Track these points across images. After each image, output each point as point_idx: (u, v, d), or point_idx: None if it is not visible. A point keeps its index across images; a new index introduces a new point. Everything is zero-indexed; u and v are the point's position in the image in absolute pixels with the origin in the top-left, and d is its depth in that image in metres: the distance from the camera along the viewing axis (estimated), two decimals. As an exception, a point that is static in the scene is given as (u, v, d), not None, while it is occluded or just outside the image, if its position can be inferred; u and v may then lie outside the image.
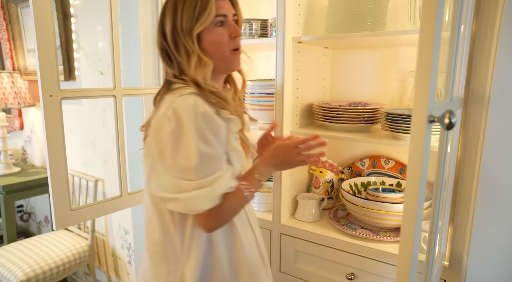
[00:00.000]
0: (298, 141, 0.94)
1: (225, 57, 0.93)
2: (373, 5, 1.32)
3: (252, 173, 0.92)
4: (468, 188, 1.10)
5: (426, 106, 0.56)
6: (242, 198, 0.88)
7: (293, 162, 0.94)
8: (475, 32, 1.03)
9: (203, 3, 0.88)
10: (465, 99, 1.08)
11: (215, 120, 0.82)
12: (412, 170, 0.58)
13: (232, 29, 0.93)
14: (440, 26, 0.57)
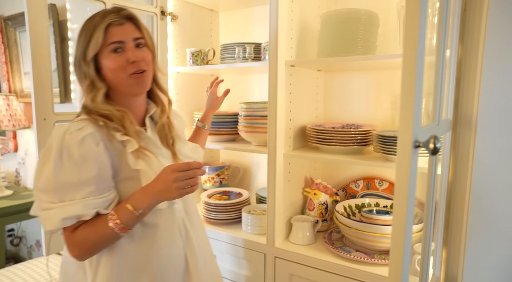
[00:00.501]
0: (179, 166, 0.90)
1: (123, 82, 0.96)
2: (363, 30, 1.35)
3: (125, 203, 0.90)
4: (459, 210, 1.10)
5: (410, 131, 0.57)
6: (106, 229, 0.88)
7: (172, 189, 0.88)
8: (461, 56, 1.06)
9: (94, 30, 0.93)
10: (454, 122, 1.09)
11: (84, 150, 0.87)
12: (398, 195, 0.58)
13: (129, 54, 0.95)
14: (422, 53, 0.59)
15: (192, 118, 1.84)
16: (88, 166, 0.87)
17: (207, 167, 1.90)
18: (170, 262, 1.01)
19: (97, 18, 0.95)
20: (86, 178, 0.87)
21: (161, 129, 1.06)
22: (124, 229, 0.89)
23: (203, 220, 1.71)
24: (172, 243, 1.01)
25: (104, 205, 0.90)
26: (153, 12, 1.62)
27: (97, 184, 0.89)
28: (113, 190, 0.94)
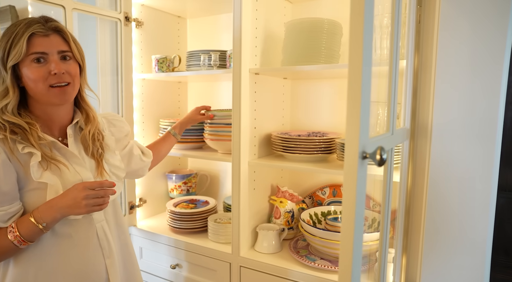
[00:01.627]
0: (91, 184, 0.92)
1: (43, 92, 0.94)
2: (326, 39, 1.36)
3: (28, 216, 0.89)
4: (417, 217, 1.12)
5: (357, 142, 0.57)
6: (4, 241, 0.88)
7: (81, 206, 0.90)
8: (417, 66, 1.08)
9: (15, 38, 0.91)
10: (412, 131, 1.11)
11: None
12: (346, 207, 0.58)
13: (52, 66, 0.94)
14: (368, 61, 0.59)
15: (158, 125, 1.81)
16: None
17: (173, 175, 1.87)
18: (86, 274, 0.99)
19: (21, 25, 0.92)
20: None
21: (84, 138, 1.04)
22: (25, 242, 0.89)
23: (168, 229, 1.68)
24: (89, 255, 1.00)
25: (3, 218, 0.89)
26: (117, 17, 1.58)
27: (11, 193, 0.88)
28: (16, 203, 0.92)
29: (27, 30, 0.91)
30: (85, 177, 0.99)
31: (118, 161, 1.14)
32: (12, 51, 0.90)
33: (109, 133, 1.16)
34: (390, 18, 0.90)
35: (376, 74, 1.07)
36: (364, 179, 0.61)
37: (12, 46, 0.91)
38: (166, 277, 1.63)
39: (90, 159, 1.04)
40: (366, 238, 1.26)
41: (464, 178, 1.04)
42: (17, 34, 0.91)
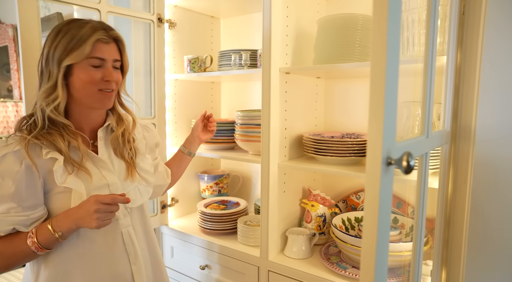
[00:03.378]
0: (103, 198, 0.89)
1: (90, 95, 0.96)
2: (361, 36, 1.29)
3: (47, 223, 0.90)
4: (459, 227, 1.02)
5: (380, 147, 0.52)
6: (23, 246, 0.88)
7: (90, 220, 0.88)
8: (460, 63, 0.99)
9: (80, 40, 0.92)
10: (453, 133, 1.02)
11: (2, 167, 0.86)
12: (368, 218, 0.53)
13: (107, 73, 0.96)
14: (395, 58, 0.53)
15: (190, 125, 1.81)
16: (6, 183, 0.87)
17: (205, 175, 1.87)
18: (112, 279, 0.99)
19: (86, 28, 0.94)
20: (3, 195, 0.87)
21: (115, 140, 1.05)
22: (42, 248, 0.89)
23: (199, 229, 1.68)
24: (115, 260, 1.00)
25: (25, 223, 0.90)
26: (150, 19, 1.61)
27: (17, 202, 0.88)
28: (40, 208, 0.92)
29: (93, 34, 0.93)
30: (111, 181, 0.99)
31: (149, 165, 1.13)
32: (73, 52, 0.92)
33: (142, 137, 1.16)
34: (426, 10, 0.82)
35: (414, 72, 0.99)
36: (389, 188, 0.55)
37: (74, 46, 0.92)
38: (196, 277, 1.63)
39: (120, 161, 1.05)
40: (401, 247, 1.18)
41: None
42: (82, 36, 0.93)
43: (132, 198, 1.03)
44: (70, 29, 0.94)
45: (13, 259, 0.90)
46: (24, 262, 0.93)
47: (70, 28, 0.94)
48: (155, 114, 1.66)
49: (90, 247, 0.97)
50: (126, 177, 1.04)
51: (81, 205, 0.90)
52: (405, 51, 1.12)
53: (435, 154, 1.11)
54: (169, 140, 1.76)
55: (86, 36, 0.93)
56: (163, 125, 1.70)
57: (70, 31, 0.93)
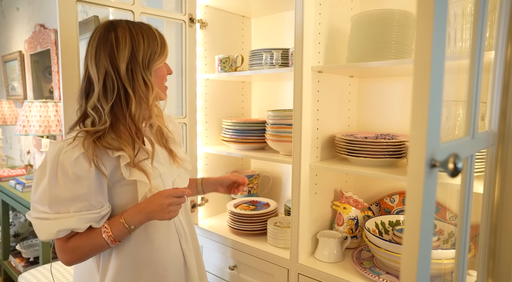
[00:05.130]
0: (175, 192, 0.97)
1: (163, 90, 1.07)
2: (397, 32, 1.24)
3: (119, 218, 0.96)
4: (507, 236, 0.94)
5: (424, 148, 0.48)
6: (99, 240, 0.94)
7: (164, 212, 0.95)
8: (510, 58, 0.92)
9: (162, 40, 1.01)
10: (501, 134, 0.95)
11: (78, 169, 0.90)
12: (409, 225, 0.49)
13: (168, 67, 1.08)
14: (441, 52, 0.49)
15: (221, 125, 1.81)
16: (81, 184, 0.91)
17: (235, 175, 1.86)
18: (169, 257, 1.06)
19: (153, 28, 1.02)
20: (79, 194, 0.91)
21: (157, 132, 1.11)
22: (115, 241, 0.96)
23: (228, 230, 1.67)
24: (171, 240, 1.07)
25: (96, 219, 0.95)
26: (182, 19, 1.62)
27: (90, 200, 0.93)
28: (107, 205, 0.98)
29: (162, 35, 1.03)
30: (162, 171, 1.06)
31: (184, 154, 1.20)
32: (163, 52, 1.01)
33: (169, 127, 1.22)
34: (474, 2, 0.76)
35: (456, 69, 0.93)
36: (433, 192, 0.51)
37: (162, 51, 1.01)
38: (225, 278, 1.63)
39: (162, 150, 1.11)
40: (441, 254, 1.12)
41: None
42: (161, 38, 1.02)
43: (178, 185, 1.12)
44: (146, 33, 0.99)
45: (89, 253, 0.97)
46: (95, 255, 1.00)
47: (146, 33, 0.99)
48: (186, 114, 1.67)
49: (153, 234, 1.04)
50: (172, 163, 1.11)
51: (151, 200, 0.96)
52: (447, 48, 1.05)
53: (480, 156, 1.04)
54: (199, 140, 1.76)
55: (164, 40, 1.02)
56: (194, 124, 1.71)
57: (144, 33, 0.98)
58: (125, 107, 0.96)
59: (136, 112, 0.97)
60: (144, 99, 0.98)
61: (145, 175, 0.98)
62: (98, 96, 0.95)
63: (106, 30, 0.96)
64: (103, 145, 0.94)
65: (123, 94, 0.96)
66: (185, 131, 1.68)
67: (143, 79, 0.97)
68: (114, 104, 0.96)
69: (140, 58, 0.96)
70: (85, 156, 0.91)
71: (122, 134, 0.98)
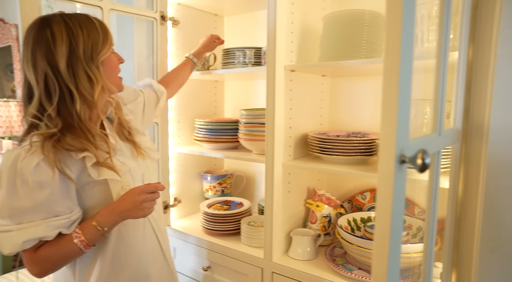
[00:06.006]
0: (148, 187, 0.94)
1: (116, 80, 1.01)
2: (368, 32, 1.26)
3: (91, 221, 0.92)
4: (470, 228, 0.99)
5: (393, 144, 0.49)
6: (71, 246, 0.90)
7: (138, 210, 0.92)
8: (472, 58, 0.96)
9: (103, 28, 0.94)
10: (465, 131, 0.99)
11: (39, 176, 0.84)
12: (380, 219, 0.50)
13: (118, 55, 1.02)
14: (409, 51, 0.51)
15: (193, 124, 1.79)
16: (44, 191, 0.85)
17: (209, 175, 1.84)
18: (149, 253, 1.06)
19: (93, 17, 0.95)
20: (42, 202, 0.86)
21: (117, 126, 1.07)
22: (89, 245, 0.91)
23: (202, 230, 1.65)
24: (147, 236, 1.06)
25: (66, 225, 0.91)
26: (153, 17, 1.58)
27: (55, 207, 0.88)
28: (77, 210, 0.94)
29: (103, 23, 0.95)
30: (131, 166, 1.03)
31: (150, 143, 1.17)
32: (106, 42, 0.93)
33: (130, 113, 1.19)
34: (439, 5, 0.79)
35: (423, 69, 0.96)
36: (402, 187, 0.52)
37: (105, 36, 0.93)
38: (199, 279, 1.61)
39: (126, 144, 1.07)
40: (410, 249, 1.15)
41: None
42: (102, 26, 0.94)
43: (148, 177, 1.10)
44: (84, 23, 0.91)
45: (61, 261, 0.92)
46: (68, 263, 0.95)
47: (84, 23, 0.91)
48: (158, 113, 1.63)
49: (126, 232, 1.01)
50: (137, 156, 1.07)
51: (123, 199, 0.92)
52: (415, 48, 1.09)
53: (446, 153, 1.08)
54: (171, 140, 1.73)
55: (104, 25, 0.95)
56: (165, 124, 1.68)
57: (90, 26, 0.91)
58: (72, 106, 0.89)
59: (81, 110, 0.90)
60: (89, 96, 0.90)
61: (115, 172, 0.94)
62: (39, 100, 0.88)
63: (40, 28, 0.88)
64: (64, 147, 0.88)
65: (67, 93, 0.88)
66: (157, 131, 1.65)
67: (86, 74, 0.89)
68: (59, 106, 0.89)
69: (80, 52, 0.88)
70: (46, 162, 0.85)
71: (81, 133, 0.91)
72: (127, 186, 0.98)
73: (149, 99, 1.30)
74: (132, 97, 1.24)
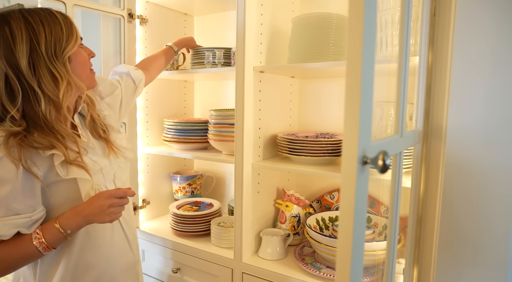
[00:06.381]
0: (116, 192, 0.92)
1: (88, 76, 0.98)
2: (335, 35, 1.29)
3: (54, 222, 0.88)
4: (430, 225, 1.03)
5: (356, 146, 0.51)
6: (29, 247, 0.86)
7: (104, 215, 0.89)
8: (431, 63, 1.00)
9: (68, 23, 0.91)
10: (425, 132, 1.03)
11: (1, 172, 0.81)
12: (343, 219, 0.52)
13: (88, 49, 0.99)
14: (370, 56, 0.52)
15: (162, 124, 1.76)
16: (5, 187, 0.82)
17: (178, 176, 1.82)
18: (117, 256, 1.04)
19: (57, 12, 0.90)
20: (2, 199, 0.82)
21: (90, 123, 1.03)
22: (48, 248, 0.87)
23: (171, 232, 1.63)
24: (115, 238, 1.04)
25: (26, 224, 0.87)
26: (120, 14, 1.55)
27: (17, 205, 0.84)
28: (40, 209, 0.90)
29: (67, 17, 0.91)
30: (102, 165, 1.00)
31: (124, 141, 1.14)
32: (71, 38, 0.90)
33: (107, 108, 1.15)
34: (399, 10, 0.82)
35: (387, 73, 0.99)
36: (365, 187, 0.54)
37: (70, 33, 0.90)
38: (168, 281, 1.59)
39: (99, 142, 1.04)
40: (375, 246, 1.19)
41: (482, 186, 0.96)
42: (66, 20, 0.90)
43: (119, 177, 1.07)
44: (46, 19, 0.87)
45: (18, 262, 0.88)
46: (24, 265, 0.91)
47: (46, 18, 0.87)
48: (125, 113, 1.60)
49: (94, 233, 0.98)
50: (108, 153, 1.03)
51: (90, 202, 0.89)
52: (378, 52, 1.12)
53: (408, 153, 1.12)
54: (140, 140, 1.70)
55: (69, 20, 0.91)
56: (134, 124, 1.65)
57: (44, 19, 0.86)
58: (36, 106, 0.86)
59: (47, 110, 0.87)
60: (53, 96, 0.87)
61: (85, 171, 0.91)
62: (1, 101, 0.85)
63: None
64: (30, 145, 0.85)
65: (31, 93, 0.85)
66: (125, 131, 1.61)
67: (50, 72, 0.86)
68: (24, 106, 0.86)
69: (43, 49, 0.84)
70: (8, 158, 0.82)
71: (49, 133, 0.88)
72: (97, 185, 0.96)
73: (126, 90, 1.26)
74: (110, 90, 1.19)
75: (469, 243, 0.99)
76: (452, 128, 0.96)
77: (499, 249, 0.95)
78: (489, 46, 0.91)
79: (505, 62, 0.90)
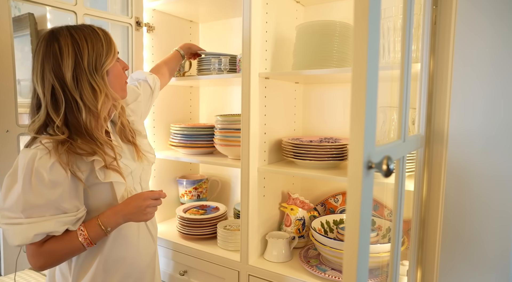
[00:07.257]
0: (153, 194, 1.02)
1: (123, 88, 1.06)
2: (338, 43, 1.32)
3: (96, 220, 0.97)
4: (433, 228, 1.06)
5: (361, 150, 0.53)
6: (75, 242, 0.94)
7: (142, 214, 0.99)
8: (433, 69, 1.03)
9: (107, 39, 0.99)
10: (427, 137, 1.06)
11: (54, 175, 0.89)
12: (350, 222, 0.54)
13: (123, 63, 1.07)
14: (375, 63, 0.55)
15: (169, 129, 1.80)
16: (56, 189, 0.90)
17: (184, 180, 1.85)
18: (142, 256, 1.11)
19: (97, 28, 0.99)
20: (53, 200, 0.91)
21: (120, 129, 1.11)
22: (91, 243, 0.96)
23: (178, 235, 1.66)
24: (141, 239, 1.12)
25: (72, 222, 0.95)
26: (128, 22, 1.59)
27: (64, 205, 0.93)
28: (82, 208, 0.98)
29: (107, 33, 1.00)
30: (132, 168, 1.08)
31: (148, 146, 1.22)
32: (110, 53, 0.98)
33: (133, 114, 1.22)
34: (401, 18, 0.85)
35: (389, 78, 1.03)
36: (370, 191, 0.57)
37: (109, 48, 0.98)
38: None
39: (128, 146, 1.13)
40: (379, 249, 1.21)
41: (484, 190, 0.98)
42: (106, 36, 0.99)
43: (145, 179, 1.17)
44: (89, 35, 0.96)
45: (64, 256, 0.96)
46: (69, 258, 1.00)
47: (88, 35, 0.96)
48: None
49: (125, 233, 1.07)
50: (137, 159, 1.12)
51: (128, 202, 0.99)
52: (381, 58, 1.15)
53: (411, 157, 1.15)
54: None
55: (108, 35, 1.00)
56: (141, 129, 1.68)
57: (87, 36, 0.96)
58: (78, 116, 0.95)
59: (87, 119, 0.96)
60: (92, 106, 0.96)
61: (120, 175, 1.00)
62: (46, 111, 0.94)
63: (48, 42, 0.93)
64: (75, 152, 0.93)
65: (74, 104, 0.94)
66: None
67: (90, 84, 0.95)
68: (67, 115, 0.95)
69: (85, 63, 0.94)
70: (59, 163, 0.90)
71: (90, 138, 0.97)
72: (129, 188, 1.04)
73: (145, 95, 1.34)
74: (133, 96, 1.27)
75: (471, 245, 1.01)
76: (453, 133, 0.99)
77: (501, 252, 0.98)
78: (489, 49, 0.94)
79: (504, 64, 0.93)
